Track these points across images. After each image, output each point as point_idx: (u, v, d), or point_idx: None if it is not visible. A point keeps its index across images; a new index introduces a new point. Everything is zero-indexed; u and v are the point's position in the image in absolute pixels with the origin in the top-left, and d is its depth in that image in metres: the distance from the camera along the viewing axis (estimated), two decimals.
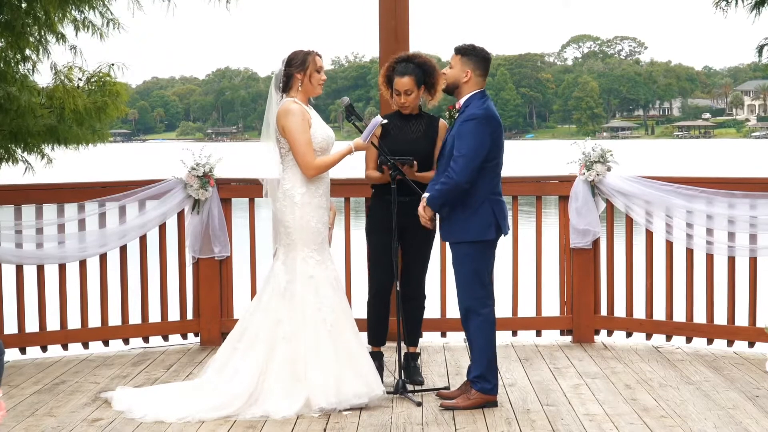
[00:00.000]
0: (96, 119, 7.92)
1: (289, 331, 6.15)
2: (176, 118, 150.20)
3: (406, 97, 6.54)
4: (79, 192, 7.70)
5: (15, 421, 5.94)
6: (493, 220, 6.04)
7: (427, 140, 6.64)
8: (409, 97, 6.54)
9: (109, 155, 12.31)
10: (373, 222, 6.71)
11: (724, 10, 8.26)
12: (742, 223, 7.48)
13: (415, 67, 6.51)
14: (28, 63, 7.88)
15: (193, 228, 7.87)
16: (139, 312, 7.94)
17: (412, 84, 6.51)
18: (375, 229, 6.69)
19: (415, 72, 6.50)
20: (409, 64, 6.53)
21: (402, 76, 6.51)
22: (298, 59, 6.30)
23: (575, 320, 8.01)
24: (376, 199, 6.74)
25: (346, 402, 6.05)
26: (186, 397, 6.14)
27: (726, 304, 7.64)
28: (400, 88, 6.53)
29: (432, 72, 6.55)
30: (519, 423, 5.82)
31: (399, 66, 6.55)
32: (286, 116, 6.22)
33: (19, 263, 7.55)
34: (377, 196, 6.71)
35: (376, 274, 6.71)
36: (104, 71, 8.04)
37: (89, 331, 7.80)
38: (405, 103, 6.56)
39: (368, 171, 6.68)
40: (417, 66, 6.52)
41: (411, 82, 6.50)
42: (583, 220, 7.85)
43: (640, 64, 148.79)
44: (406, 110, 6.61)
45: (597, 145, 7.91)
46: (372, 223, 6.72)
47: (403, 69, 6.52)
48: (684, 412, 5.99)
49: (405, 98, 6.54)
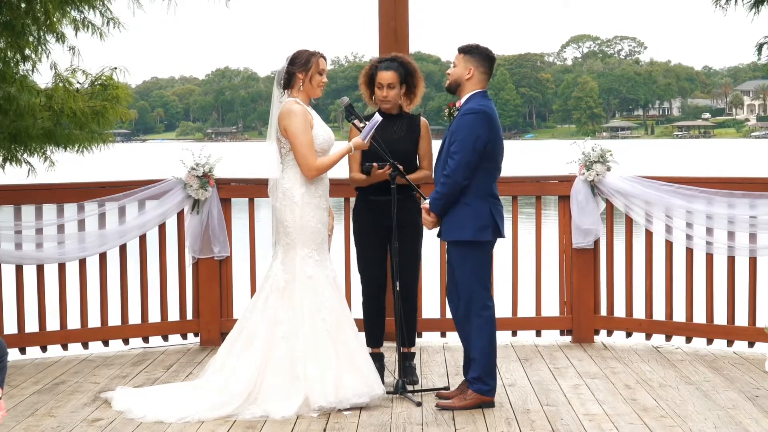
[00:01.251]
0: (94, 123, 7.91)
1: (287, 331, 6.15)
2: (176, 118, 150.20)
3: (388, 91, 6.57)
4: (79, 192, 7.70)
5: (15, 421, 5.94)
6: (491, 221, 6.04)
7: (409, 140, 6.68)
8: (391, 91, 6.58)
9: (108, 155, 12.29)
10: (360, 224, 6.72)
11: (724, 8, 8.25)
12: (742, 223, 7.48)
13: (399, 65, 6.61)
14: (28, 63, 7.87)
15: (193, 228, 7.87)
16: (138, 312, 7.94)
17: (395, 78, 6.57)
18: (362, 231, 6.70)
19: (399, 69, 6.59)
20: (392, 62, 6.63)
21: (386, 71, 6.58)
22: (301, 59, 6.30)
23: (575, 320, 8.02)
24: (359, 200, 6.76)
25: (346, 401, 6.05)
26: (185, 397, 6.14)
27: (726, 304, 7.64)
28: (383, 81, 6.57)
29: (414, 73, 6.65)
30: (519, 423, 5.82)
31: (382, 63, 6.64)
32: (288, 117, 6.21)
33: (18, 263, 7.55)
34: (361, 199, 6.74)
35: (367, 276, 6.72)
36: (106, 74, 8.03)
37: (89, 331, 7.80)
38: (387, 97, 6.59)
39: (353, 173, 6.70)
40: (400, 64, 6.62)
41: (394, 76, 6.57)
42: (586, 220, 7.85)
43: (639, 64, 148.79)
44: (387, 105, 6.63)
45: (597, 145, 7.91)
46: (358, 225, 6.73)
47: (387, 65, 6.61)
48: (684, 412, 5.99)
49: (387, 91, 6.58)
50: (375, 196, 6.59)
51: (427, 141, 6.73)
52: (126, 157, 64.51)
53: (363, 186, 6.66)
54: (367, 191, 6.64)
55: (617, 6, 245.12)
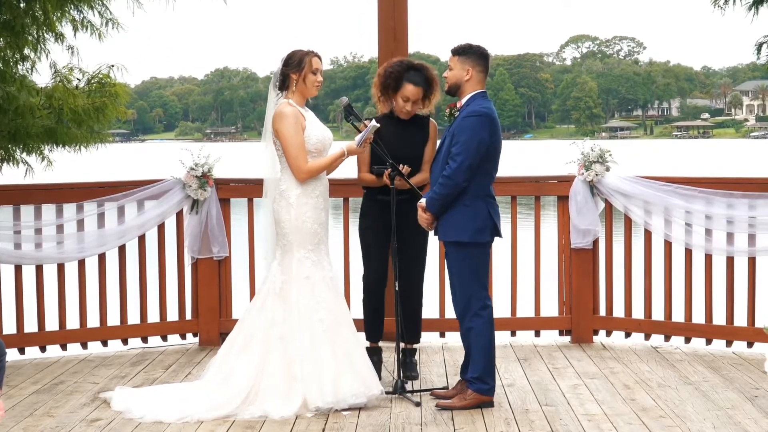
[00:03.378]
0: (95, 120, 7.90)
1: (285, 332, 6.15)
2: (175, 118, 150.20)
3: (413, 105, 6.63)
4: (78, 192, 7.70)
5: (14, 421, 5.94)
6: (490, 222, 6.05)
7: (420, 142, 6.71)
8: (415, 106, 6.64)
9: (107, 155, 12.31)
10: (367, 221, 6.75)
11: (722, 9, 8.24)
12: (741, 223, 7.48)
13: (425, 81, 6.63)
14: (27, 62, 7.86)
15: (192, 228, 7.87)
16: (137, 312, 7.94)
17: (420, 95, 6.62)
18: (368, 227, 6.73)
19: (425, 85, 6.63)
20: (422, 74, 6.62)
21: (416, 85, 6.59)
22: (295, 59, 6.29)
23: (574, 320, 8.02)
24: (367, 199, 6.79)
25: (344, 402, 6.05)
26: (184, 398, 6.14)
27: (725, 304, 7.64)
28: (410, 95, 6.60)
29: (435, 88, 6.70)
30: (518, 423, 5.82)
31: (413, 74, 6.61)
32: (280, 119, 6.21)
33: (18, 263, 7.55)
34: (369, 197, 6.77)
35: (370, 270, 6.76)
36: (104, 72, 8.03)
37: (88, 331, 7.80)
38: (410, 111, 6.66)
39: (361, 174, 6.73)
40: (426, 81, 6.63)
41: (420, 92, 6.62)
42: (584, 220, 7.85)
43: (638, 64, 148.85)
44: (406, 117, 6.67)
45: (596, 145, 7.91)
46: (365, 222, 6.76)
47: (417, 78, 6.61)
48: (683, 412, 5.99)
49: (412, 106, 6.63)
50: (383, 196, 6.63)
51: (432, 145, 6.75)
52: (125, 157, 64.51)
53: (371, 186, 6.69)
54: (375, 191, 6.71)
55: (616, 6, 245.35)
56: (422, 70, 6.65)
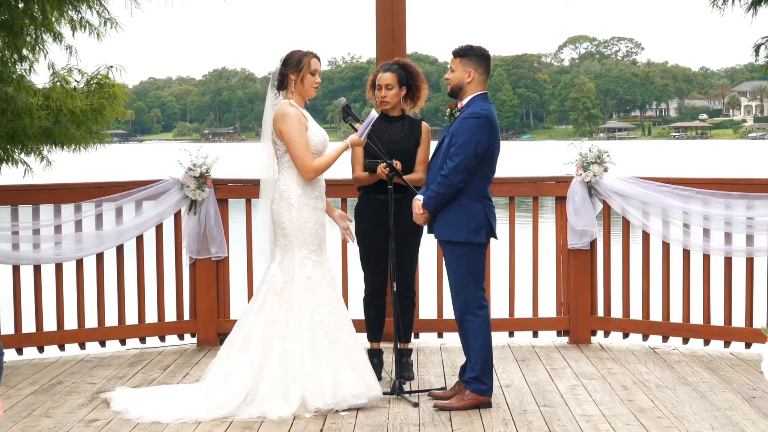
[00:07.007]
0: (93, 121, 7.90)
1: (285, 332, 6.14)
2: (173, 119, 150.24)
3: (386, 91, 6.70)
4: (76, 192, 7.69)
5: (12, 421, 5.94)
6: (486, 222, 6.05)
7: (410, 141, 6.73)
8: (389, 92, 6.69)
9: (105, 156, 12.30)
10: (362, 222, 6.75)
11: (721, 9, 8.25)
12: (739, 224, 7.48)
13: (399, 67, 6.74)
14: (25, 63, 7.86)
15: (190, 229, 7.87)
16: (135, 312, 7.94)
17: (393, 79, 6.69)
18: (365, 228, 6.73)
19: (398, 71, 6.72)
20: (393, 64, 6.78)
21: (384, 72, 6.72)
22: (293, 60, 6.29)
23: (572, 321, 8.02)
24: (362, 200, 6.82)
25: (344, 402, 6.05)
26: (183, 398, 6.13)
27: (723, 305, 7.65)
28: (381, 82, 6.71)
29: (415, 75, 6.79)
30: (516, 424, 5.82)
31: (383, 66, 6.79)
32: (283, 120, 6.21)
33: (16, 264, 7.54)
34: (364, 197, 6.80)
35: (370, 272, 6.77)
36: (103, 73, 8.03)
37: (86, 332, 7.80)
38: (385, 98, 6.70)
39: (356, 173, 6.75)
40: (400, 66, 6.75)
41: (393, 77, 6.70)
42: (581, 221, 7.85)
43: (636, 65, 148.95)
44: (387, 106, 6.72)
45: (594, 145, 7.91)
46: (361, 223, 6.76)
47: (387, 67, 6.77)
48: (680, 413, 5.99)
49: (386, 92, 6.70)
50: (378, 194, 6.63)
51: (425, 146, 6.76)
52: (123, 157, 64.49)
53: (366, 185, 6.70)
54: (370, 190, 6.70)
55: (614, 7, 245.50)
56: (396, 62, 6.78)
